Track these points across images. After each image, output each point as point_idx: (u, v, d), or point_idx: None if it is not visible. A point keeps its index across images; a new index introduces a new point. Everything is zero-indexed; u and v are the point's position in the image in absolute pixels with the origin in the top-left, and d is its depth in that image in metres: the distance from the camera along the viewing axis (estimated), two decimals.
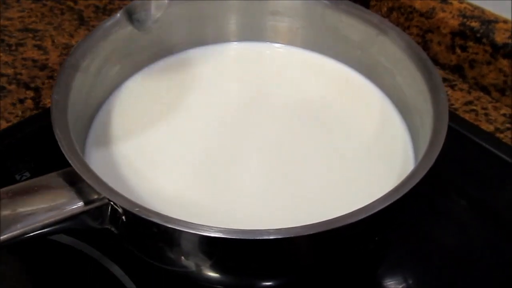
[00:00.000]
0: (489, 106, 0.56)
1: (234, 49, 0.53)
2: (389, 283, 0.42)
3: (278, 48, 0.53)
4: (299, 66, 0.52)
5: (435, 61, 0.59)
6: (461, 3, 0.57)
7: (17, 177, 0.47)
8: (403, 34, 0.45)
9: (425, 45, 0.59)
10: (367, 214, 0.32)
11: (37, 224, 0.32)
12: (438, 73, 0.41)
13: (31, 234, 0.32)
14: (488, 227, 0.46)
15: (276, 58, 0.53)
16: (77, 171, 0.34)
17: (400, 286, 0.42)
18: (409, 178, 0.35)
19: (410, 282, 0.42)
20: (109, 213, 0.34)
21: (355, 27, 0.48)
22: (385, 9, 0.61)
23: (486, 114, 0.55)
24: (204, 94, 0.48)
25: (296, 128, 0.46)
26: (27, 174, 0.47)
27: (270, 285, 0.39)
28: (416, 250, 0.44)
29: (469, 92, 0.57)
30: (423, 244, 0.45)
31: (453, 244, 0.45)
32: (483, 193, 0.48)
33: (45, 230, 0.32)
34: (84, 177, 0.33)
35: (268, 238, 0.30)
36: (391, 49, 0.45)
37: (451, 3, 0.57)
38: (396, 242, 0.45)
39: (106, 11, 0.66)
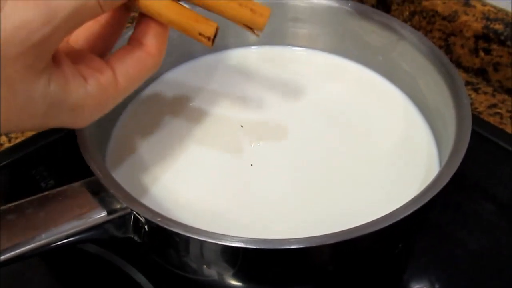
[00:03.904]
0: None
1: (255, 52, 0.53)
2: (415, 287, 0.42)
3: (299, 51, 0.53)
4: (320, 68, 0.51)
5: (458, 64, 0.59)
6: (484, 5, 0.56)
7: (43, 184, 0.48)
8: (424, 39, 0.44)
9: (447, 49, 0.59)
10: (389, 223, 0.32)
11: (62, 234, 0.32)
12: (461, 78, 0.41)
13: (56, 244, 0.32)
14: None
15: (298, 61, 0.53)
16: (101, 181, 0.34)
17: None
18: (431, 185, 0.34)
19: (437, 286, 0.42)
20: (132, 222, 0.34)
21: (376, 33, 0.47)
22: (407, 13, 0.60)
23: (511, 117, 0.54)
24: (226, 98, 0.48)
25: (319, 132, 0.46)
26: (52, 181, 0.48)
27: None
28: (442, 254, 0.44)
29: (494, 95, 0.57)
30: (450, 248, 0.44)
31: (480, 247, 0.44)
32: (509, 196, 0.48)
33: (69, 240, 0.33)
34: (107, 187, 0.34)
35: (289, 247, 0.30)
36: (413, 54, 0.45)
37: (474, 6, 0.56)
38: (422, 246, 0.44)
39: None
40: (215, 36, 0.33)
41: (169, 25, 0.33)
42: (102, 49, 0.35)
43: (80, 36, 0.34)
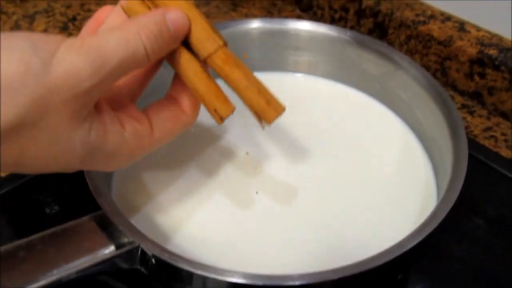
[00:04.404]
0: (509, 132, 0.56)
1: None
2: None
3: (299, 77, 0.54)
4: (320, 94, 0.53)
5: (454, 88, 0.60)
6: (479, 31, 0.58)
7: (47, 210, 0.49)
8: (421, 69, 0.46)
9: (443, 72, 0.60)
10: (391, 257, 0.33)
11: (72, 270, 0.33)
12: (457, 111, 0.42)
13: (66, 280, 0.33)
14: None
15: (298, 87, 0.54)
16: (109, 216, 0.35)
17: None
18: (430, 219, 0.36)
19: None
20: (139, 255, 0.35)
21: (373, 62, 0.49)
22: (403, 37, 0.62)
23: (506, 140, 0.56)
24: (228, 124, 0.49)
25: (319, 159, 0.47)
26: (57, 207, 0.49)
27: None
28: (439, 268, 0.45)
29: (489, 118, 0.58)
30: (447, 263, 0.45)
31: (475, 261, 0.45)
32: (503, 216, 0.49)
33: (79, 275, 0.34)
34: (115, 222, 0.35)
35: (293, 284, 0.31)
36: (410, 84, 0.46)
37: (469, 31, 0.58)
38: (420, 261, 0.45)
39: None
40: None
41: (192, 90, 0.34)
42: (137, 93, 0.36)
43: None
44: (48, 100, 0.27)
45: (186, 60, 0.33)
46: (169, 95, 0.35)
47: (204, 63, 0.34)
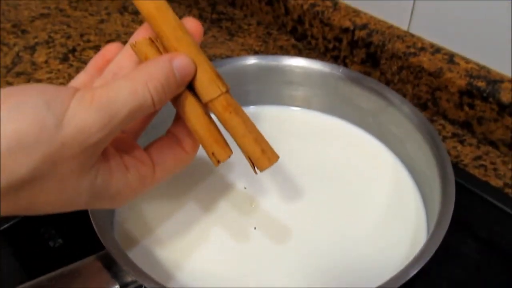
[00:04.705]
0: (498, 160, 0.58)
1: (253, 112, 0.56)
2: None
3: (295, 111, 0.56)
4: (315, 128, 0.54)
5: (445, 117, 0.62)
6: (468, 63, 0.60)
7: (51, 243, 0.50)
8: (412, 107, 0.47)
9: (434, 102, 0.62)
10: None
11: None
12: (446, 150, 0.44)
13: None
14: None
15: (293, 121, 0.56)
16: (113, 256, 0.37)
17: None
18: (418, 257, 0.37)
19: None
20: None
21: (366, 97, 0.50)
22: (395, 67, 0.64)
23: (495, 169, 0.57)
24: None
25: (312, 192, 0.48)
26: (60, 240, 0.50)
27: None
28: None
29: (478, 147, 0.60)
30: (437, 281, 0.47)
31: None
32: (493, 244, 0.51)
33: None
34: (120, 263, 0.36)
35: None
36: (400, 119, 0.48)
37: (458, 63, 0.60)
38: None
39: None
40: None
41: (192, 131, 0.35)
42: (139, 131, 0.38)
43: None
44: (59, 155, 0.28)
45: (189, 102, 0.34)
46: (171, 132, 0.37)
47: (205, 106, 0.35)
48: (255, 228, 0.45)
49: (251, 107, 0.56)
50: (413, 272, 0.36)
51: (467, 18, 0.58)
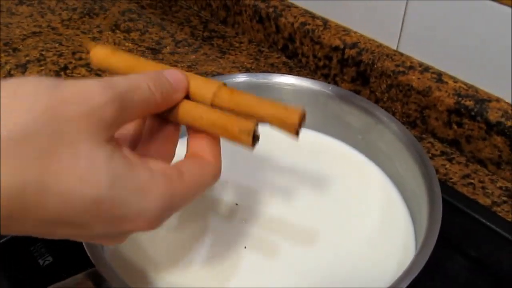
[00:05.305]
0: (486, 179, 0.59)
1: None
2: None
3: None
4: (305, 145, 0.55)
5: (434, 135, 0.62)
6: (456, 82, 0.60)
7: (40, 261, 0.50)
8: (400, 125, 0.48)
9: (423, 120, 0.63)
10: None
11: None
12: (434, 170, 0.44)
13: None
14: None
15: (282, 138, 0.55)
16: (103, 274, 0.37)
17: None
18: (404, 276, 0.37)
19: None
20: None
21: (355, 116, 0.51)
22: (384, 85, 0.64)
23: (483, 188, 0.58)
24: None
25: (303, 209, 0.49)
26: (50, 258, 0.50)
27: None
28: None
29: (467, 165, 0.60)
30: None
31: None
32: (481, 263, 0.51)
33: None
34: (109, 280, 0.36)
35: None
36: (389, 137, 0.49)
37: (446, 82, 0.60)
38: None
39: None
40: (255, 135, 0.33)
41: (210, 127, 0.34)
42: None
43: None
44: (60, 110, 0.27)
45: (193, 106, 0.34)
46: (190, 152, 0.35)
47: (212, 106, 0.34)
48: (245, 247, 0.45)
49: None
50: None
51: (455, 38, 0.59)
